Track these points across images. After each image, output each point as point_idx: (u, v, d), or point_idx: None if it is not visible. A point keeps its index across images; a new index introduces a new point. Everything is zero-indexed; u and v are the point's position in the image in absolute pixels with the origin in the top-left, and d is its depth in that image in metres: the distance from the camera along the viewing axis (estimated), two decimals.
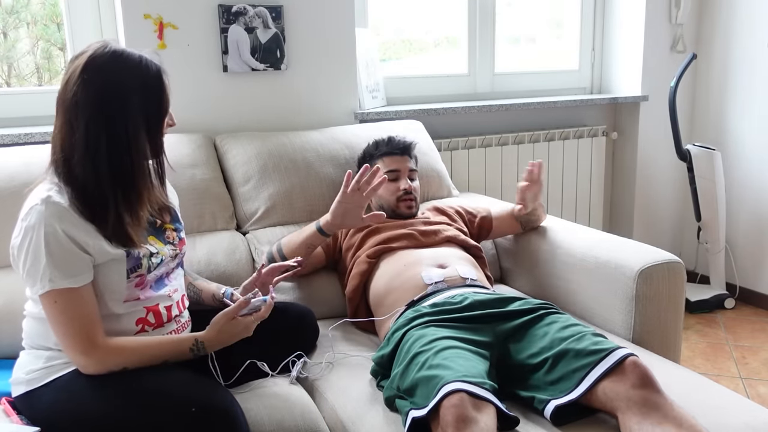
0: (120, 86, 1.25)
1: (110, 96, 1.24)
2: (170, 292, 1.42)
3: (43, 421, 1.26)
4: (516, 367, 1.42)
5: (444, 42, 3.03)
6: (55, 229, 1.21)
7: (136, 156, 1.28)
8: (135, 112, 1.26)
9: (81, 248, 1.24)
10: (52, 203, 1.22)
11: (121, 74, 1.25)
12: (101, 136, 1.23)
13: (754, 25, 3.00)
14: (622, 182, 3.27)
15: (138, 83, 1.26)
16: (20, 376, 1.31)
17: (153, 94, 1.29)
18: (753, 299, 3.16)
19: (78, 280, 1.24)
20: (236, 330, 1.36)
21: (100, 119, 1.23)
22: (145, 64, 1.28)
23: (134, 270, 1.32)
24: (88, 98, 1.23)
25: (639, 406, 1.24)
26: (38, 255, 1.21)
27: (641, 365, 1.29)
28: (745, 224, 3.15)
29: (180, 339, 1.35)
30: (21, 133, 1.92)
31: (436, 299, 1.58)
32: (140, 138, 1.27)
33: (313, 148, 2.13)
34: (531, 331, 1.46)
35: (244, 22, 2.20)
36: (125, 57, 1.27)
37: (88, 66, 1.24)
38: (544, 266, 1.97)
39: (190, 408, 1.19)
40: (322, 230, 1.73)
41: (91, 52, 1.26)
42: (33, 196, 1.26)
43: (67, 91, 1.25)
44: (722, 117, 3.19)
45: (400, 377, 1.36)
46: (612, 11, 3.16)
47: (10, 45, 2.20)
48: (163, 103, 1.31)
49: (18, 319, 1.53)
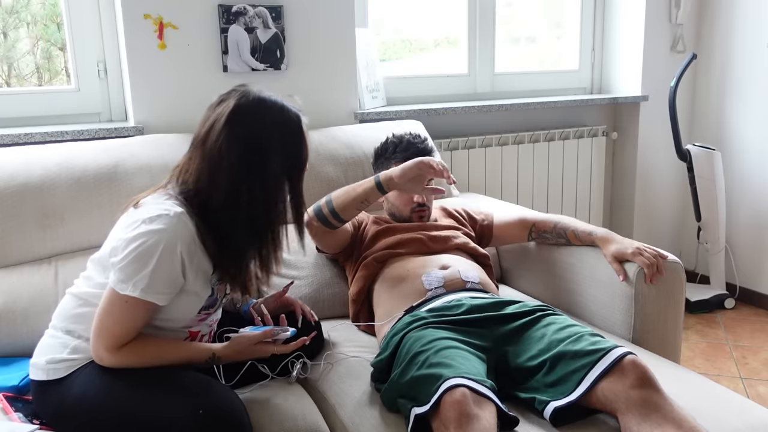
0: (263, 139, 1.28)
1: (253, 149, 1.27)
2: (213, 322, 1.44)
3: (53, 412, 1.27)
4: (515, 371, 1.42)
5: (444, 42, 3.03)
6: (175, 245, 1.22)
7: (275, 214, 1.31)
8: (276, 165, 1.29)
9: (183, 272, 1.25)
10: (183, 222, 1.23)
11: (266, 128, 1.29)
12: (243, 188, 1.26)
13: (754, 25, 3.00)
14: (622, 182, 3.27)
15: (278, 134, 1.30)
16: (41, 361, 1.30)
17: (293, 146, 1.33)
18: (753, 299, 3.16)
19: (163, 299, 1.25)
20: (254, 352, 1.37)
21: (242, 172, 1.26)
22: (286, 113, 1.32)
23: (206, 308, 1.35)
24: (231, 150, 1.25)
25: (638, 407, 1.23)
26: (146, 260, 1.21)
27: (640, 364, 1.28)
28: (745, 224, 3.15)
29: (198, 349, 1.34)
30: (21, 133, 1.92)
31: (434, 304, 1.58)
32: (281, 193, 1.31)
33: (313, 148, 2.10)
34: (528, 334, 1.46)
35: (244, 22, 2.20)
36: (268, 106, 1.31)
37: (233, 116, 1.26)
38: (545, 266, 1.97)
39: (198, 410, 1.19)
40: (381, 186, 1.65)
41: (236, 101, 1.28)
42: (164, 204, 1.25)
43: (210, 138, 1.27)
44: (722, 117, 3.19)
45: (399, 376, 1.35)
46: (612, 11, 3.16)
47: (10, 45, 2.20)
48: (303, 153, 1.36)
49: (18, 318, 1.54)
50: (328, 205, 1.71)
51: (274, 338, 1.37)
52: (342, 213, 1.70)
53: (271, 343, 1.37)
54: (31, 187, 1.67)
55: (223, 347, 1.35)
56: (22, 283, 1.62)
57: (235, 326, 1.45)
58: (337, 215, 1.70)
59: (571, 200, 3.07)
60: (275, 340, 1.37)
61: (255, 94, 1.30)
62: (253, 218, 1.28)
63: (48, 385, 1.29)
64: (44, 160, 1.74)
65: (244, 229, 1.28)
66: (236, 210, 1.26)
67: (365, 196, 1.67)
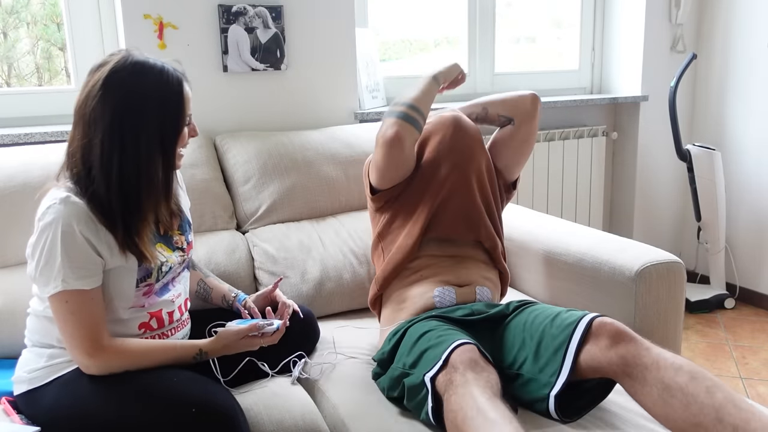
0: (136, 101, 1.24)
1: (125, 112, 1.23)
2: (173, 297, 1.42)
3: (45, 420, 1.26)
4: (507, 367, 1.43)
5: (444, 42, 3.03)
6: (72, 228, 1.21)
7: (146, 172, 1.27)
8: (150, 127, 1.25)
9: (95, 250, 1.24)
10: (71, 203, 1.22)
11: (139, 89, 1.25)
12: (114, 152, 1.23)
13: (754, 25, 3.00)
14: (622, 182, 3.27)
15: (156, 97, 1.26)
16: (22, 374, 1.31)
17: (170, 108, 1.28)
18: (753, 299, 3.16)
19: (90, 282, 1.24)
20: (241, 346, 1.37)
21: (114, 135, 1.23)
22: (165, 75, 1.27)
23: (143, 279, 1.33)
24: (105, 114, 1.23)
25: (621, 366, 1.24)
26: (54, 254, 1.21)
27: (608, 322, 1.29)
28: (745, 224, 3.15)
29: (183, 347, 1.34)
30: (21, 133, 1.92)
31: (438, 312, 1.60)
32: (154, 153, 1.27)
33: (313, 148, 2.13)
34: (510, 327, 1.48)
35: (244, 22, 2.20)
36: (146, 69, 1.26)
37: (108, 80, 1.23)
38: (544, 266, 1.97)
39: (191, 408, 1.19)
40: (438, 79, 1.72)
41: (112, 65, 1.25)
42: (50, 196, 1.25)
43: (87, 105, 1.24)
44: (722, 117, 3.19)
45: (409, 355, 1.38)
46: (612, 11, 3.17)
47: (10, 45, 2.20)
48: (180, 116, 1.30)
49: (18, 319, 1.54)
50: (406, 105, 1.65)
51: (261, 331, 1.37)
52: (422, 106, 1.66)
53: (258, 337, 1.37)
54: (31, 187, 1.67)
55: (210, 342, 1.35)
56: (23, 283, 1.62)
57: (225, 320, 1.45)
58: (418, 110, 1.65)
59: (571, 200, 3.07)
60: (262, 333, 1.38)
61: (133, 57, 1.27)
62: (124, 181, 1.24)
63: (33, 394, 1.29)
64: (44, 160, 1.74)
65: (117, 194, 1.24)
66: (110, 175, 1.24)
67: (428, 90, 1.70)
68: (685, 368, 1.18)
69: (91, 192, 1.25)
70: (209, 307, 1.64)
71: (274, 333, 1.40)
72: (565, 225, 2.08)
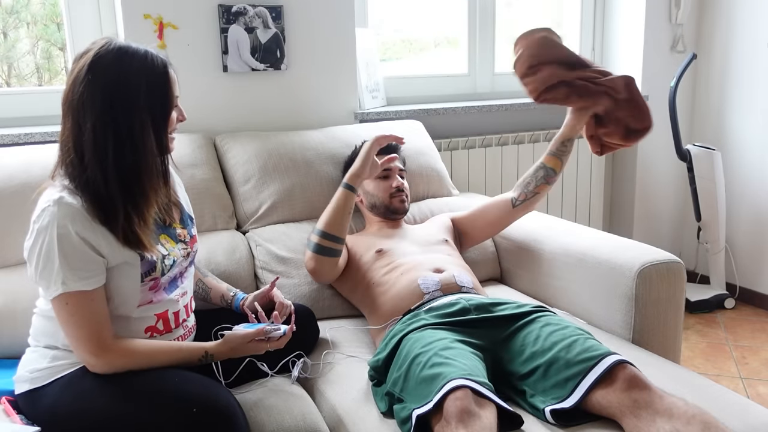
0: (125, 85, 1.23)
1: (115, 95, 1.23)
2: (179, 296, 1.42)
3: (45, 420, 1.26)
4: (509, 374, 1.42)
5: (444, 42, 3.03)
6: (68, 230, 1.20)
7: (143, 155, 1.26)
8: (141, 111, 1.24)
9: (94, 250, 1.23)
10: (64, 204, 1.21)
11: (126, 72, 1.24)
12: (108, 137, 1.22)
13: (754, 25, 3.00)
14: (622, 182, 3.27)
15: (143, 80, 1.25)
16: (24, 374, 1.31)
17: (158, 90, 1.27)
18: (753, 299, 3.16)
19: (91, 283, 1.23)
20: (248, 349, 1.37)
21: (106, 120, 1.22)
22: (150, 59, 1.27)
23: (148, 274, 1.32)
24: (95, 99, 1.22)
25: (631, 408, 1.23)
26: (51, 257, 1.20)
27: (629, 368, 1.28)
28: (745, 224, 3.15)
29: (189, 349, 1.34)
30: (21, 133, 1.92)
31: (432, 304, 1.59)
32: (147, 136, 1.26)
33: (313, 147, 2.13)
34: (522, 335, 1.46)
35: (244, 22, 2.20)
36: (130, 53, 1.25)
37: (93, 66, 1.23)
38: (544, 266, 1.97)
39: (191, 408, 1.19)
40: (350, 186, 1.75)
41: (96, 51, 1.24)
42: (44, 198, 1.25)
43: (74, 92, 1.23)
44: (722, 117, 3.19)
45: (402, 380, 1.35)
46: (612, 11, 3.16)
47: (10, 45, 2.20)
48: (169, 98, 1.30)
49: (18, 318, 1.54)
50: (319, 234, 1.74)
51: (268, 336, 1.37)
52: (334, 230, 1.73)
53: (264, 341, 1.37)
54: (31, 187, 1.66)
55: (216, 345, 1.35)
56: (23, 283, 1.62)
57: (230, 323, 1.45)
58: (331, 236, 1.73)
59: (571, 200, 3.07)
60: (269, 338, 1.38)
61: (117, 43, 1.26)
62: (120, 166, 1.23)
63: (34, 393, 1.29)
64: (44, 160, 1.74)
65: (116, 180, 1.23)
66: (105, 163, 1.23)
67: (343, 203, 1.74)
68: (698, 418, 1.18)
69: (85, 180, 1.23)
70: (215, 308, 1.64)
71: (280, 338, 1.39)
72: (565, 225, 2.08)
